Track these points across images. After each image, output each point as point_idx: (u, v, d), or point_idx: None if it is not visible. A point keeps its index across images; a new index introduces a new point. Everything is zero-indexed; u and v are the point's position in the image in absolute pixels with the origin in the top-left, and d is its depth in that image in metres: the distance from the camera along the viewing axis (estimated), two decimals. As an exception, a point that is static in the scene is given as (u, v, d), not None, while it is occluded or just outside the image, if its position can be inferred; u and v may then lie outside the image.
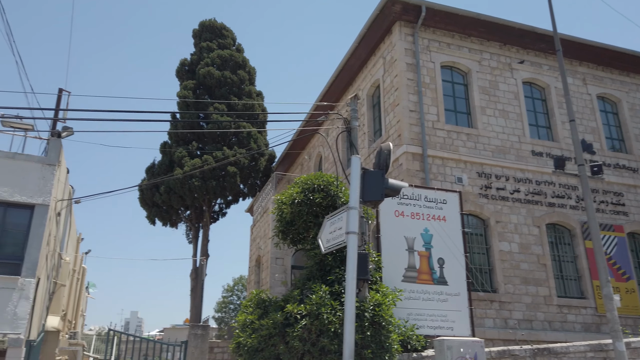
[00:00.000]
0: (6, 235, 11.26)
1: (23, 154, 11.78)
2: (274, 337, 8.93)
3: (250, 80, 24.69)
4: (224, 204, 25.04)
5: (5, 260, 11.03)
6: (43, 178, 11.69)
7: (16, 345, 10.32)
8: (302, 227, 10.52)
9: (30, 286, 10.84)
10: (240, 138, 22.98)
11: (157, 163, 22.73)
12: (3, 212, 11.30)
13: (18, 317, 10.55)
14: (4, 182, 11.29)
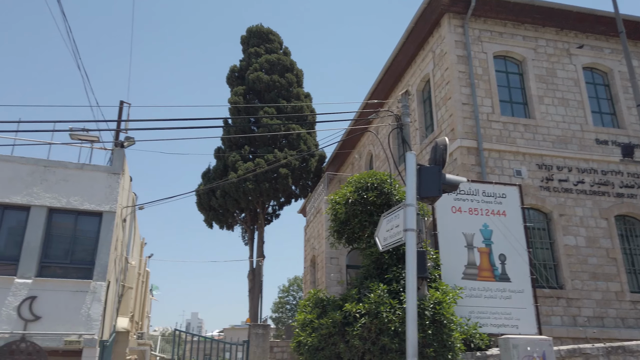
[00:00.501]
0: (78, 241, 11.96)
1: (90, 165, 12.47)
2: (334, 336, 8.98)
3: (298, 82, 24.93)
4: (277, 205, 25.41)
5: (78, 265, 11.72)
6: (109, 186, 12.32)
7: (91, 345, 10.95)
8: (357, 226, 10.51)
9: (101, 289, 11.46)
10: (290, 140, 23.26)
11: (212, 168, 23.41)
12: (74, 219, 12.01)
13: (91, 319, 11.18)
14: (75, 191, 12.00)
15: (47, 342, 10.74)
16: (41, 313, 10.89)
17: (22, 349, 10.52)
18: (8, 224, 11.62)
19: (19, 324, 10.69)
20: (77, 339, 10.87)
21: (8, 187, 11.57)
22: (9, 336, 10.53)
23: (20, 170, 11.77)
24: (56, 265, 11.59)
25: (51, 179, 11.93)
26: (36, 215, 11.59)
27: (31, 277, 11.10)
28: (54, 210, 11.84)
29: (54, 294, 11.11)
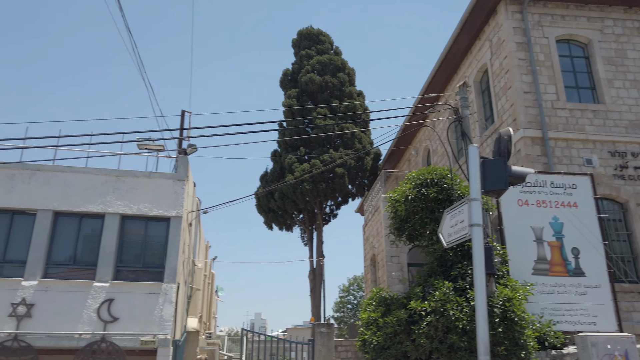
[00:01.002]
0: (148, 246, 12.57)
1: (157, 172, 13.07)
2: (399, 335, 8.89)
3: (350, 81, 24.91)
4: (335, 205, 25.50)
5: (149, 268, 12.32)
6: (175, 192, 12.86)
7: (165, 345, 11.46)
8: (417, 223, 10.36)
9: (172, 291, 11.97)
10: (344, 139, 23.27)
11: (270, 171, 23.86)
12: (145, 225, 12.63)
13: (164, 320, 11.71)
14: (144, 198, 12.62)
15: (125, 342, 11.36)
16: (118, 314, 11.54)
17: (103, 349, 11.19)
18: (85, 231, 12.40)
19: (99, 325, 11.38)
20: (152, 338, 11.41)
21: (84, 197, 12.34)
22: (91, 337, 11.23)
23: (94, 180, 12.53)
24: (130, 269, 12.24)
25: (122, 187, 12.61)
26: (110, 223, 12.29)
27: (108, 280, 11.78)
28: (126, 217, 12.51)
29: (129, 297, 11.73)
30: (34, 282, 11.42)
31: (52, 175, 12.35)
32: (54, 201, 12.15)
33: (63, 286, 11.55)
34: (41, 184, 12.22)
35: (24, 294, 11.25)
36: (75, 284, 11.63)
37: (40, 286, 11.42)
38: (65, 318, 11.27)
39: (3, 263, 11.64)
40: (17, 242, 11.88)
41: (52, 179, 12.32)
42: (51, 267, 11.83)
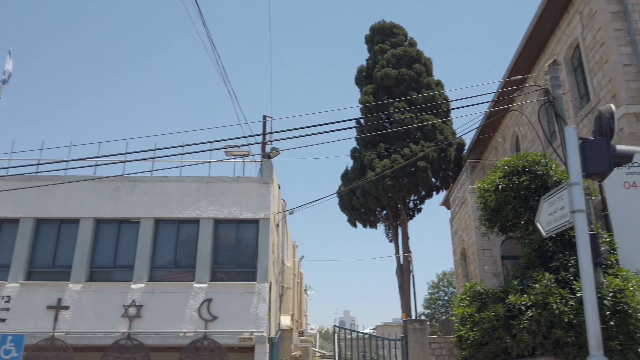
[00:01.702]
0: (240, 247, 13.13)
1: (244, 177, 13.62)
2: (498, 330, 8.52)
3: (427, 71, 24.28)
4: (418, 199, 25.00)
5: (242, 269, 12.86)
6: (262, 195, 13.32)
7: (261, 342, 11.91)
8: (510, 213, 9.87)
9: (264, 290, 12.40)
10: (425, 132, 22.73)
11: (350, 169, 23.92)
12: (236, 228, 13.21)
13: (259, 317, 12.16)
14: (234, 202, 13.20)
15: (225, 340, 11.95)
16: (217, 313, 12.16)
17: (205, 346, 11.86)
18: (182, 236, 13.22)
19: (200, 323, 12.08)
20: (249, 336, 11.90)
21: (180, 204, 13.16)
22: (194, 334, 11.95)
23: (188, 188, 13.32)
24: (224, 270, 12.86)
25: (213, 193, 13.29)
26: (205, 227, 12.99)
27: (206, 281, 12.47)
28: (218, 221, 13.16)
29: (225, 296, 12.33)
30: (141, 284, 12.38)
31: (151, 186, 13.30)
32: (154, 209, 13.08)
33: (166, 288, 12.41)
34: (142, 194, 13.21)
35: (134, 296, 12.23)
36: (177, 286, 12.44)
37: (147, 288, 12.35)
38: (170, 317, 12.10)
39: (114, 268, 12.74)
40: (125, 248, 12.94)
41: (152, 188, 13.28)
42: (155, 270, 12.75)
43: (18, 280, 12.28)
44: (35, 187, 12.72)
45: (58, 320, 11.92)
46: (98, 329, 11.91)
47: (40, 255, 12.77)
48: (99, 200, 13.06)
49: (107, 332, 11.87)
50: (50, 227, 12.99)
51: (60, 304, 12.06)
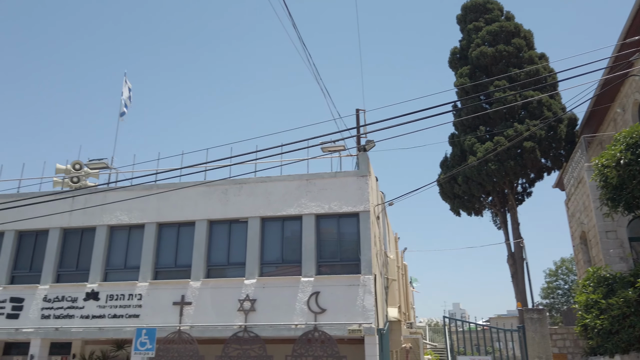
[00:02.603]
0: (343, 241, 13.31)
1: (342, 172, 13.78)
2: (629, 317, 7.73)
3: (528, 45, 22.64)
4: (527, 182, 23.43)
5: (346, 262, 13.03)
6: (360, 189, 13.37)
7: (370, 334, 11.98)
8: (636, 189, 8.87)
9: (370, 282, 12.45)
10: (530, 109, 21.22)
11: (449, 156, 23.09)
12: (337, 222, 13.42)
13: (367, 309, 12.24)
14: (333, 197, 13.42)
15: (334, 331, 12.20)
16: (325, 306, 12.46)
17: (316, 338, 12.21)
18: (287, 232, 13.72)
19: (310, 316, 12.45)
20: (358, 327, 12.03)
21: (283, 202, 13.67)
22: (305, 327, 12.36)
23: (289, 186, 13.79)
24: (329, 264, 13.12)
25: (313, 189, 13.62)
26: (307, 222, 13.37)
27: (312, 275, 12.83)
28: (320, 217, 13.46)
29: (332, 289, 12.59)
30: (253, 280, 13.07)
31: (255, 186, 13.98)
32: (260, 208, 13.74)
33: (276, 282, 12.97)
34: (248, 195, 13.94)
35: (247, 291, 12.96)
36: (286, 280, 12.94)
37: (258, 284, 13.02)
38: (281, 311, 12.63)
39: (227, 265, 13.59)
40: (236, 247, 13.74)
41: (256, 189, 13.95)
42: (265, 266, 13.39)
43: (147, 280, 13.60)
44: (155, 195, 13.97)
45: (183, 315, 13.00)
46: (218, 322, 12.80)
47: (164, 257, 14.02)
48: (211, 203, 14.00)
49: (226, 325, 12.71)
50: (171, 231, 14.21)
51: (184, 300, 13.15)
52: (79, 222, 14.51)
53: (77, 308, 13.61)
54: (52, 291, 13.93)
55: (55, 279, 14.21)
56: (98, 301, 13.56)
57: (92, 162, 15.64)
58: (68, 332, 13.46)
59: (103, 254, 14.13)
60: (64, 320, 13.55)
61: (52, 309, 13.72)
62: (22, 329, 13.68)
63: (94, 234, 14.39)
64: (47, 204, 13.12)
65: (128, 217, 14.30)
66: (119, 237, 14.42)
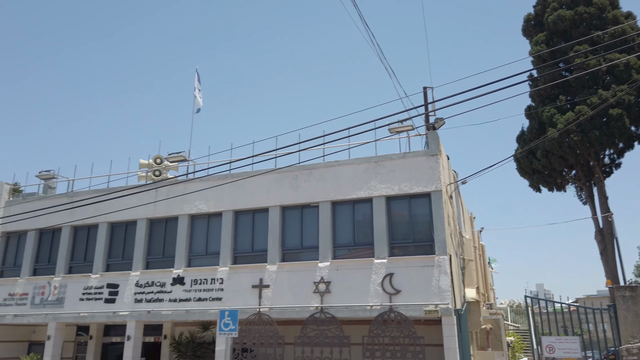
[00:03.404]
0: (415, 222, 13.13)
1: (411, 152, 13.54)
2: None
3: (612, 4, 20.80)
4: (615, 153, 21.73)
5: (419, 243, 12.86)
6: (430, 168, 13.08)
7: (448, 314, 11.79)
8: None
9: (445, 262, 12.22)
10: (616, 74, 19.56)
11: (527, 129, 21.93)
12: (408, 203, 13.25)
13: (442, 290, 12.05)
14: (403, 178, 13.25)
15: (410, 312, 12.15)
16: (400, 287, 12.42)
17: (392, 319, 12.22)
18: (358, 215, 13.76)
19: (385, 297, 12.47)
20: (435, 308, 11.88)
21: (352, 185, 13.71)
22: (380, 308, 12.41)
23: (358, 169, 13.79)
24: (402, 245, 13.02)
25: (382, 171, 13.52)
26: (378, 205, 13.32)
27: (385, 257, 12.81)
28: (390, 198, 13.37)
29: (405, 270, 12.51)
30: (327, 263, 13.29)
31: (325, 171, 14.12)
32: (330, 193, 13.88)
33: (349, 265, 13.10)
34: (318, 180, 14.11)
35: (321, 274, 13.20)
36: (359, 262, 13.03)
37: (332, 266, 13.22)
38: (356, 292, 12.76)
39: (302, 249, 13.91)
40: (309, 231, 14.01)
41: (325, 174, 14.09)
42: (338, 249, 13.55)
43: (227, 265, 14.27)
44: (230, 183, 14.55)
45: (262, 297, 13.53)
46: (295, 304, 13.18)
47: (241, 242, 14.62)
48: (282, 190, 14.36)
49: (303, 306, 13.06)
50: (246, 217, 14.76)
51: (262, 283, 13.66)
52: (163, 212, 15.47)
53: (166, 292, 14.59)
54: (142, 277, 15.03)
55: (145, 265, 15.30)
56: (184, 285, 14.45)
57: (171, 156, 16.57)
58: (159, 315, 14.49)
59: (186, 242, 14.99)
60: (155, 303, 14.60)
61: (143, 294, 14.82)
62: (118, 312, 14.92)
63: (177, 223, 15.28)
64: (134, 196, 14.09)
65: (206, 206, 15.03)
66: (199, 225, 15.20)
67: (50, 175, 17.82)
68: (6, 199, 17.61)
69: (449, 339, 11.65)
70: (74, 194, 16.65)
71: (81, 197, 15.73)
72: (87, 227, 16.36)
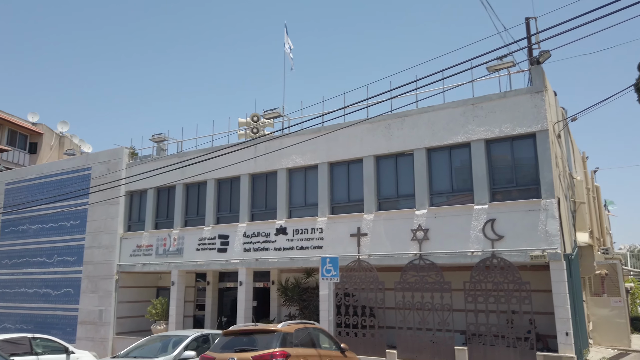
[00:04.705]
0: (518, 165, 12.43)
1: (512, 90, 12.65)
2: None
3: None
4: None
5: (523, 186, 12.20)
6: (535, 106, 12.16)
7: (556, 259, 11.22)
8: None
9: (552, 206, 11.52)
10: None
11: (650, 55, 19.29)
12: (510, 145, 12.53)
13: (550, 234, 11.44)
14: (504, 119, 12.49)
15: (514, 258, 11.75)
16: (502, 232, 12.00)
17: (495, 265, 11.92)
18: (455, 161, 13.32)
19: (486, 243, 12.15)
20: (541, 253, 11.36)
21: (448, 130, 13.23)
22: (481, 254, 12.14)
23: (454, 113, 13.24)
24: (504, 190, 12.46)
25: (480, 114, 12.85)
26: (477, 149, 12.77)
27: (486, 203, 12.37)
28: (490, 141, 12.73)
29: (508, 215, 12.01)
30: (424, 210, 13.17)
31: (418, 118, 13.76)
32: (424, 139, 13.54)
33: (447, 212, 12.87)
34: (411, 127, 13.81)
35: (419, 221, 13.15)
36: (458, 209, 12.74)
37: (429, 214, 13.08)
38: (455, 239, 12.57)
39: (398, 197, 13.89)
40: (404, 179, 13.90)
41: (419, 120, 13.73)
42: (435, 196, 13.33)
43: (325, 215, 14.73)
44: (324, 136, 14.77)
45: (360, 245, 13.87)
46: (393, 251, 13.35)
47: (338, 193, 14.94)
48: (375, 139, 14.29)
49: (401, 253, 13.19)
50: (341, 168, 14.99)
51: (360, 231, 13.96)
52: (263, 167, 16.22)
53: (271, 242, 15.51)
54: (249, 228, 16.08)
55: (250, 217, 16.32)
56: (286, 235, 15.24)
57: (267, 113, 17.13)
58: (265, 262, 15.52)
59: (286, 194, 15.67)
60: (261, 252, 15.62)
61: (251, 243, 15.90)
62: (230, 260, 16.21)
63: (276, 177, 15.97)
64: (236, 153, 14.90)
65: (302, 159, 15.47)
66: (297, 178, 15.76)
67: (162, 137, 19.38)
68: (127, 162, 19.54)
69: (558, 285, 11.14)
70: (183, 154, 18.00)
71: (190, 156, 16.98)
72: (197, 184, 17.71)
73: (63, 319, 19.57)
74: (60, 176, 21.14)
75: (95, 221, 19.61)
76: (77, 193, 18.95)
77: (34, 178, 22.13)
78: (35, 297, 20.67)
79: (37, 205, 20.08)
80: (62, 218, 20.57)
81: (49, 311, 20.09)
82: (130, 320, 18.78)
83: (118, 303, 18.49)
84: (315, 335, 9.21)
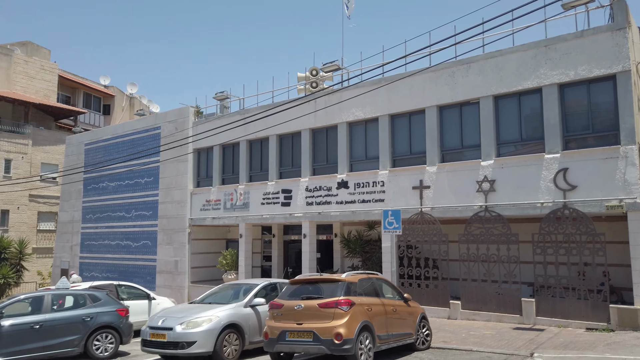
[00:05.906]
0: (595, 110, 11.59)
1: (589, 29, 11.65)
2: None
3: None
4: None
5: (599, 133, 11.43)
6: (616, 45, 11.16)
7: (635, 209, 10.55)
8: None
9: (633, 153, 10.74)
10: None
11: None
12: (587, 89, 11.66)
13: (629, 183, 10.72)
14: (580, 61, 11.59)
15: (588, 208, 11.17)
16: (575, 182, 11.39)
17: (567, 215, 11.41)
18: (525, 108, 12.63)
19: (557, 194, 11.61)
20: (619, 203, 10.71)
21: (517, 75, 12.49)
22: (552, 205, 11.63)
23: (524, 57, 12.44)
24: (578, 137, 11.74)
25: (554, 56, 11.99)
26: (549, 95, 12.01)
27: (558, 151, 11.72)
28: (563, 86, 11.92)
29: (582, 164, 11.35)
30: (490, 161, 12.72)
31: (484, 64, 13.08)
32: (491, 86, 12.90)
33: (516, 162, 12.35)
34: (477, 74, 13.17)
35: (485, 173, 12.73)
36: (527, 159, 12.19)
37: (496, 164, 12.62)
38: (524, 190, 12.10)
39: (462, 149, 13.48)
40: (469, 129, 13.41)
41: (485, 66, 13.05)
42: (502, 146, 12.81)
43: (386, 168, 14.62)
44: (385, 87, 14.45)
45: (423, 198, 13.70)
46: (457, 203, 13.10)
47: (399, 145, 14.73)
48: (438, 88, 13.79)
49: (466, 205, 12.92)
50: (402, 120, 14.69)
51: (422, 184, 13.77)
52: (323, 122, 16.22)
53: (332, 195, 15.69)
54: (311, 183, 16.32)
55: (312, 172, 16.52)
56: (348, 189, 15.33)
57: (326, 66, 16.95)
58: (328, 216, 15.78)
59: (346, 148, 15.65)
60: (323, 206, 15.87)
61: (313, 197, 16.18)
62: (294, 214, 16.63)
63: (336, 131, 15.95)
64: (296, 108, 14.94)
65: (363, 112, 15.28)
66: (358, 132, 15.65)
67: (224, 95, 19.81)
68: (193, 120, 20.24)
69: (636, 236, 10.51)
70: (245, 111, 18.34)
71: (251, 113, 17.29)
72: (260, 140, 18.08)
73: (143, 268, 21.15)
74: (133, 135, 22.33)
75: (166, 178, 20.68)
76: (149, 151, 19.97)
77: (109, 138, 23.54)
78: (117, 248, 22.42)
79: (114, 164, 21.44)
80: (137, 175, 21.87)
81: (130, 261, 21.78)
82: (203, 270, 19.98)
83: (191, 254, 19.66)
84: (379, 285, 9.35)
